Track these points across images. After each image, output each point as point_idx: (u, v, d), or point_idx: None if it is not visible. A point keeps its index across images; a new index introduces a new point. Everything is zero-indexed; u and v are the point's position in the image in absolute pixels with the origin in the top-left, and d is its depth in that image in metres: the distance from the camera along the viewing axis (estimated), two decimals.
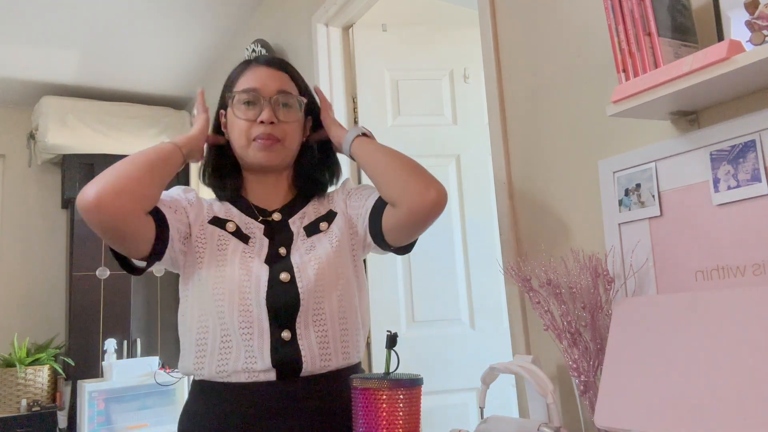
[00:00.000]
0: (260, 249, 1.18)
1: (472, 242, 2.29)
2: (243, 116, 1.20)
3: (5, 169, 3.91)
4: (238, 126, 1.21)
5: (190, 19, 3.04)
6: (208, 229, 1.19)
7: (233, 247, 1.17)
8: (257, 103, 1.20)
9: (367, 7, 2.26)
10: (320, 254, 1.18)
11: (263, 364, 1.10)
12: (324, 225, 1.23)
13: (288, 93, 1.23)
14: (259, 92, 1.20)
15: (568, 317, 1.17)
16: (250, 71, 1.24)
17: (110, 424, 3.02)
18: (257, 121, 1.20)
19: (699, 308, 0.93)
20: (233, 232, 1.19)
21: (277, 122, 1.20)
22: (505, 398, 1.89)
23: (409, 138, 2.33)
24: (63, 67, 3.44)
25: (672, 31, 1.02)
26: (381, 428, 0.94)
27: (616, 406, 0.95)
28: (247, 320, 1.11)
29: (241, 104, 1.21)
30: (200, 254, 1.16)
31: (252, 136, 1.20)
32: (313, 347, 1.12)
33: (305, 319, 1.13)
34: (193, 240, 1.18)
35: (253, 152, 1.21)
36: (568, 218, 1.33)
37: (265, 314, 1.11)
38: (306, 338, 1.12)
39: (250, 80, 1.22)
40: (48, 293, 3.87)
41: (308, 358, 1.11)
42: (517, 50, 1.49)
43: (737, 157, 1.00)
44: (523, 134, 1.47)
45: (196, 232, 1.18)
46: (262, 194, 1.27)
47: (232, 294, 1.12)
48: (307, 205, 1.28)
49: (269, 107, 1.20)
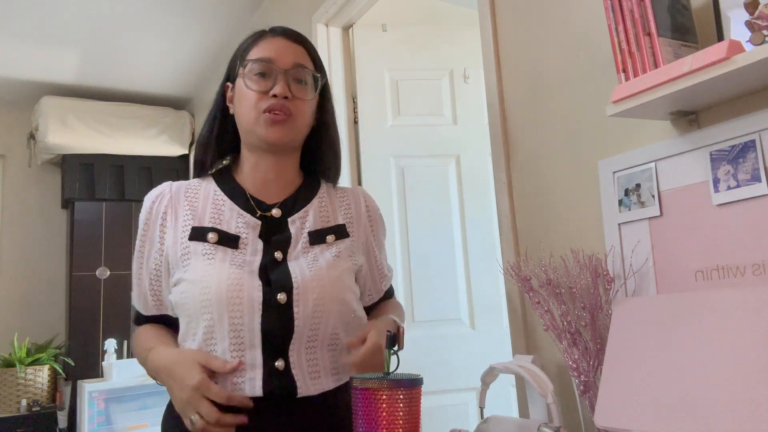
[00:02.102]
0: (253, 254, 1.08)
1: (472, 242, 2.29)
2: (255, 87, 1.10)
3: (5, 169, 3.91)
4: (248, 98, 1.10)
5: (190, 19, 3.04)
6: (191, 247, 1.08)
7: (220, 257, 1.06)
8: (270, 75, 1.10)
9: (367, 7, 2.27)
10: (323, 275, 1.08)
11: (252, 391, 1.02)
12: (331, 238, 1.14)
13: (304, 67, 1.13)
14: (274, 63, 1.10)
15: (568, 317, 1.17)
16: (265, 41, 1.14)
17: (110, 424, 3.02)
18: (269, 94, 1.09)
19: (699, 308, 0.93)
20: (217, 242, 1.08)
21: (291, 97, 1.10)
22: (505, 398, 1.89)
23: (409, 138, 2.33)
24: (63, 67, 3.44)
25: (672, 31, 1.02)
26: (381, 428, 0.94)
27: (616, 406, 0.95)
28: (239, 348, 1.03)
29: (254, 74, 1.10)
30: (185, 270, 1.07)
31: (263, 109, 1.09)
32: (306, 375, 1.05)
33: (298, 347, 1.05)
34: (174, 262, 1.09)
35: (262, 127, 1.10)
36: (568, 218, 1.33)
37: (258, 340, 1.03)
38: (299, 366, 1.05)
39: (265, 50, 1.12)
40: (48, 293, 3.87)
41: (302, 385, 1.04)
42: (517, 50, 1.49)
43: (737, 157, 1.00)
44: (523, 134, 1.46)
45: (176, 254, 1.09)
46: (261, 181, 1.16)
47: (221, 317, 1.03)
48: (311, 202, 1.17)
49: (283, 80, 1.09)
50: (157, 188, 1.17)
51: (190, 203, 1.13)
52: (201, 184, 1.17)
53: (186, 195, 1.15)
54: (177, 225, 1.11)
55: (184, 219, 1.11)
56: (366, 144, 2.32)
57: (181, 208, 1.13)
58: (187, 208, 1.12)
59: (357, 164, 2.33)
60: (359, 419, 0.97)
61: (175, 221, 1.12)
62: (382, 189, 2.27)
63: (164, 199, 1.14)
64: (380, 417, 0.94)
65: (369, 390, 0.95)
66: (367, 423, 0.94)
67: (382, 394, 0.94)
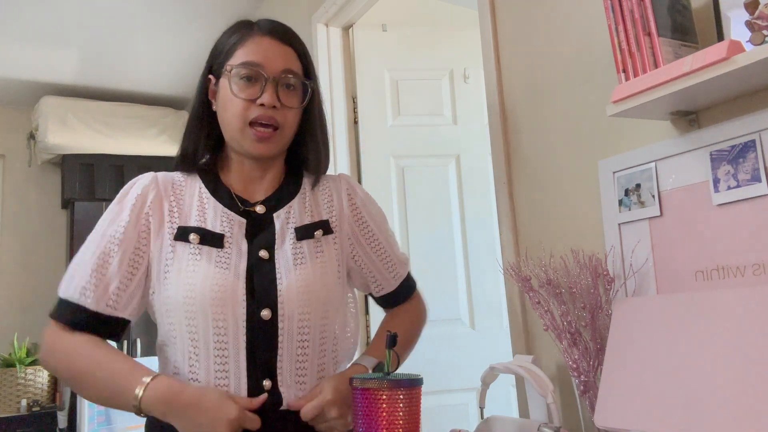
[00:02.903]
0: (238, 256, 1.04)
1: (472, 242, 2.29)
2: (242, 94, 1.03)
3: (5, 169, 3.91)
4: (234, 105, 1.04)
5: (191, 19, 3.04)
6: (177, 248, 1.04)
7: (206, 258, 1.02)
8: (258, 80, 1.04)
9: (367, 7, 2.26)
10: (309, 282, 1.04)
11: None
12: (319, 233, 1.10)
13: (294, 73, 1.07)
14: (263, 68, 1.04)
15: (568, 317, 1.17)
16: (252, 41, 1.07)
17: (110, 424, 3.02)
18: (256, 102, 1.03)
19: (699, 308, 0.93)
20: (200, 242, 1.03)
21: (279, 106, 1.04)
22: (505, 398, 1.89)
23: (409, 138, 2.33)
24: (63, 67, 3.44)
25: (672, 31, 1.02)
26: (381, 428, 0.94)
27: (616, 406, 0.95)
28: (223, 368, 1.00)
29: (240, 79, 1.04)
30: (167, 278, 1.03)
31: (249, 119, 1.03)
32: (292, 389, 1.03)
33: (287, 364, 1.03)
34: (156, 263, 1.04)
35: (248, 142, 1.05)
36: (568, 218, 1.33)
37: (243, 362, 1.00)
38: (285, 384, 1.02)
39: (252, 52, 1.05)
40: (48, 293, 3.84)
41: (288, 399, 1.02)
42: (517, 50, 1.49)
43: (737, 157, 1.00)
44: (523, 134, 1.46)
45: (161, 257, 1.04)
46: (245, 178, 1.12)
47: (206, 334, 0.99)
48: (295, 197, 1.13)
49: (272, 88, 1.03)
50: (143, 178, 1.10)
51: (177, 200, 1.08)
52: (186, 180, 1.12)
53: (173, 190, 1.10)
54: (162, 222, 1.06)
55: (170, 216, 1.06)
56: (366, 144, 2.32)
57: (167, 204, 1.08)
58: (174, 205, 1.08)
59: (357, 164, 2.33)
60: (359, 419, 0.97)
61: (161, 218, 1.06)
62: (382, 189, 2.27)
63: (150, 193, 1.08)
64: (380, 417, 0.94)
65: (369, 390, 0.95)
66: (367, 423, 0.94)
67: (382, 394, 0.94)
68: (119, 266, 1.02)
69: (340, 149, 2.32)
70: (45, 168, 3.93)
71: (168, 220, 1.06)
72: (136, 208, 1.05)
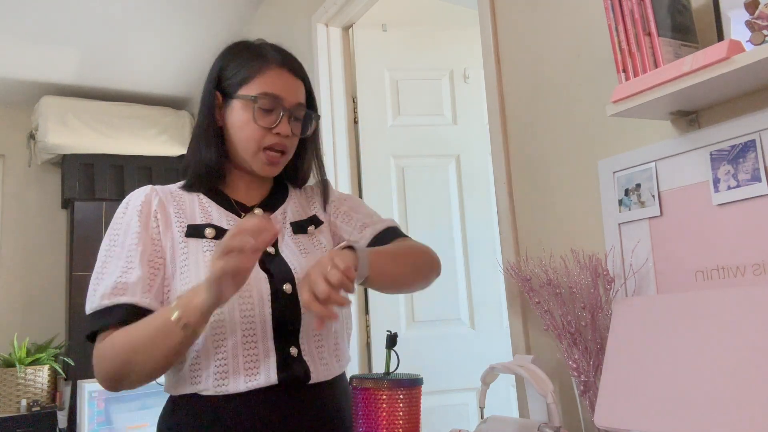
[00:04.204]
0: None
1: (472, 242, 2.29)
2: (263, 123, 1.12)
3: (5, 169, 3.91)
4: (252, 130, 1.12)
5: (191, 19, 3.04)
6: (190, 244, 1.10)
7: None
8: (275, 111, 1.12)
9: (367, 7, 2.26)
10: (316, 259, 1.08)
11: (268, 380, 1.05)
12: (311, 228, 1.20)
13: (303, 106, 1.18)
14: (282, 101, 1.13)
15: (568, 317, 1.17)
16: (273, 72, 1.14)
17: (110, 424, 3.02)
18: (272, 131, 1.12)
19: (699, 308, 0.93)
20: (214, 237, 1.10)
21: (291, 135, 1.15)
22: (505, 398, 1.89)
23: (409, 138, 2.33)
24: (63, 67, 3.44)
25: (672, 31, 1.02)
26: (381, 428, 0.94)
27: (616, 406, 0.95)
28: (251, 339, 1.05)
29: (261, 109, 1.12)
30: (185, 273, 1.07)
31: (264, 145, 1.12)
32: (316, 360, 1.10)
33: (307, 334, 1.10)
34: (171, 262, 1.09)
35: (259, 164, 1.14)
36: (568, 218, 1.33)
37: (270, 331, 1.06)
38: (309, 353, 1.09)
39: (273, 84, 1.13)
40: (48, 293, 3.86)
41: (314, 370, 1.09)
42: (517, 50, 1.49)
43: (737, 157, 1.00)
44: (523, 134, 1.47)
45: (175, 254, 1.09)
46: (243, 188, 1.20)
47: (232, 311, 1.04)
48: (287, 201, 1.23)
49: (287, 119, 1.13)
50: (142, 189, 1.15)
51: (178, 204, 1.14)
52: (184, 191, 1.17)
53: (173, 198, 1.15)
54: (170, 223, 1.12)
55: (177, 217, 1.12)
56: (366, 144, 2.32)
57: (171, 208, 1.13)
58: (178, 209, 1.13)
59: (357, 164, 2.33)
60: (359, 419, 0.97)
61: (168, 219, 1.12)
62: (382, 189, 2.27)
63: (154, 200, 1.13)
64: (380, 417, 0.94)
65: (369, 390, 0.95)
66: (367, 423, 0.95)
67: (382, 394, 0.94)
68: (141, 265, 1.06)
69: (340, 149, 2.32)
70: (45, 168, 3.93)
71: (175, 220, 1.12)
72: (143, 214, 1.11)
